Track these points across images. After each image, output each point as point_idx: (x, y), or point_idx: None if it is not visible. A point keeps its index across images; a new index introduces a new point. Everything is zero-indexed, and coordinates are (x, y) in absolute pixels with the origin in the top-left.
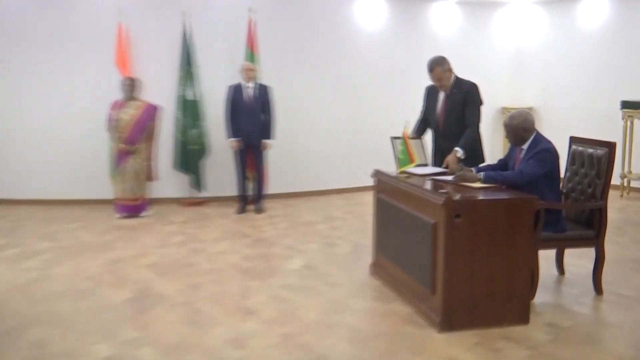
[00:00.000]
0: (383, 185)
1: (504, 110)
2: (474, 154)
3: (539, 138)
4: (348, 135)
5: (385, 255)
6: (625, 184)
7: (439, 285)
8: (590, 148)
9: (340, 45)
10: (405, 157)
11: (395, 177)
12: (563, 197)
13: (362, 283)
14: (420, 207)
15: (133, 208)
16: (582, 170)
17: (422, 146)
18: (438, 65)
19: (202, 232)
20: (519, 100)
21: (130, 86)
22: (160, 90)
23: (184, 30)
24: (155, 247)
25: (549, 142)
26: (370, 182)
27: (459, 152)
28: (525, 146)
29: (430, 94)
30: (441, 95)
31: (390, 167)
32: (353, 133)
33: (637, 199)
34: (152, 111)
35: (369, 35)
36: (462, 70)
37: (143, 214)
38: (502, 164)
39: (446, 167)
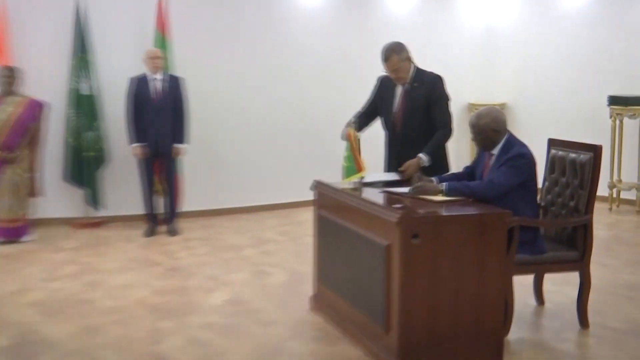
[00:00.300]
0: (325, 199)
1: (471, 107)
2: (437, 160)
3: (512, 141)
4: (283, 138)
5: (328, 285)
6: (615, 195)
7: (394, 321)
8: (573, 152)
9: (274, 28)
10: (351, 165)
11: (339, 190)
12: (541, 212)
13: (301, 321)
14: (370, 226)
15: (11, 231)
16: (563, 180)
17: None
18: (395, 53)
19: (101, 260)
20: (488, 95)
21: (9, 78)
22: (47, 83)
23: (76, 8)
24: (40, 280)
25: (523, 145)
26: (310, 196)
27: (423, 160)
28: (495, 151)
29: (384, 87)
30: (398, 90)
31: (338, 177)
32: (290, 136)
33: (628, 213)
34: (36, 109)
35: (310, 15)
36: (421, 60)
37: (24, 238)
38: (469, 173)
39: (403, 172)
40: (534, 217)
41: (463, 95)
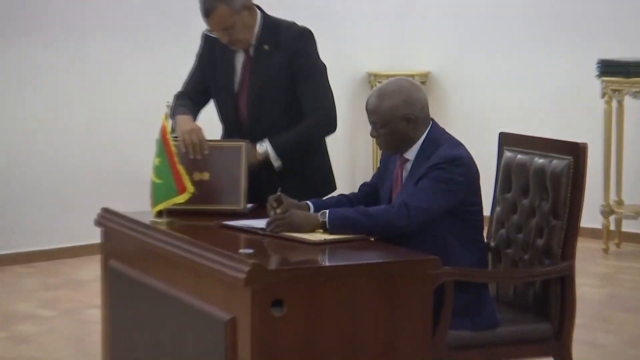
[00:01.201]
0: (121, 242)
1: (372, 80)
2: (310, 172)
3: (438, 137)
4: (52, 144)
5: None
6: (612, 227)
7: None
8: (541, 156)
9: None
10: (166, 180)
11: (145, 226)
12: (490, 257)
13: None
14: (201, 289)
15: None
16: (525, 202)
17: (241, 162)
18: (221, 2)
19: None
20: (400, 60)
21: None
22: None
23: None
24: None
25: (456, 144)
26: (96, 236)
27: (261, 150)
28: (411, 154)
29: (216, 53)
30: (239, 59)
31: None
32: (61, 141)
33: (635, 256)
34: None
35: None
36: (281, 9)
37: None
38: (369, 194)
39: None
40: (477, 266)
41: (357, 61)
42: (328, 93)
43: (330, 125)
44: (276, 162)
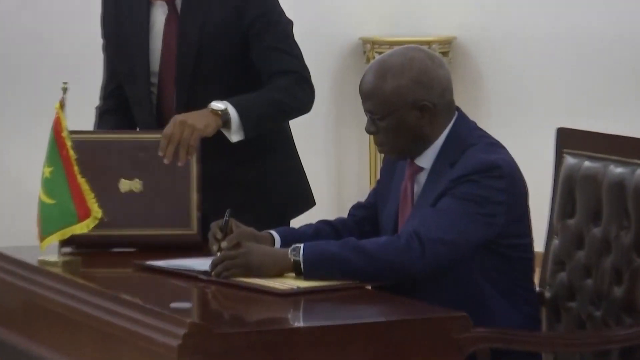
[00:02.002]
0: None
1: (367, 48)
2: (276, 182)
3: (467, 134)
4: None
5: None
6: None
7: None
8: (620, 163)
9: None
10: (61, 200)
11: (32, 267)
12: (544, 312)
13: None
14: (118, 356)
15: None
16: (597, 231)
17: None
18: None
19: None
20: (410, 21)
21: None
22: None
23: None
24: None
25: (494, 145)
26: None
27: (213, 105)
28: (426, 159)
29: (120, 11)
30: (157, 16)
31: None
32: None
33: None
34: None
35: None
36: None
37: None
38: (363, 219)
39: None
40: (525, 326)
41: (346, 22)
42: (299, 54)
43: (308, 93)
44: (236, 134)
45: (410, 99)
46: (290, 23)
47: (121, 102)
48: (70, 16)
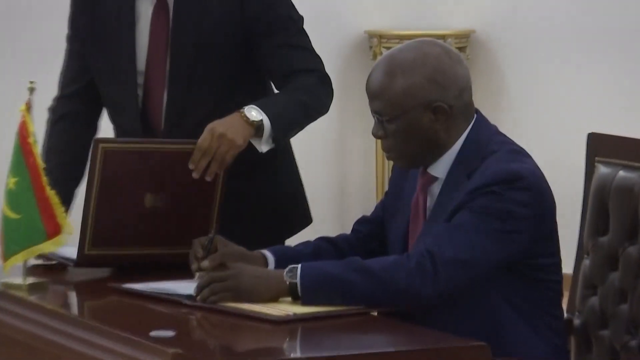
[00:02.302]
0: None
1: (374, 43)
2: (270, 195)
3: (487, 139)
4: None
5: None
6: None
7: None
8: None
9: None
10: (27, 215)
11: None
12: (572, 342)
13: None
14: None
15: None
16: (632, 250)
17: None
18: None
19: None
20: (422, 12)
21: None
22: None
23: None
24: None
25: (517, 152)
26: None
27: (248, 114)
28: (440, 168)
29: (96, 5)
30: (143, 10)
31: None
32: None
33: None
34: None
35: None
36: None
37: None
38: (368, 236)
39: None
40: (552, 356)
41: (350, 14)
42: (314, 51)
43: (330, 94)
44: (266, 144)
45: (423, 100)
46: (301, 19)
47: (89, 105)
48: (40, 6)
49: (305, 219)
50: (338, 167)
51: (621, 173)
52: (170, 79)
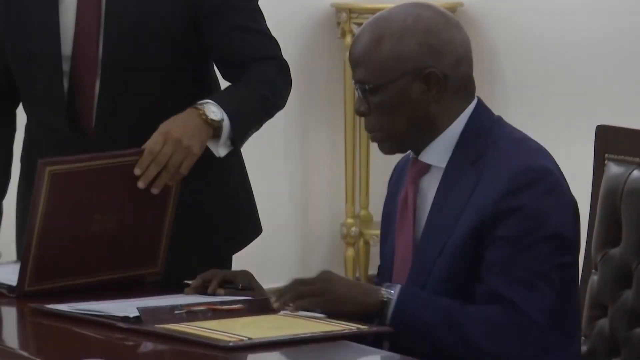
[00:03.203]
0: None
1: (342, 18)
2: (220, 203)
3: (490, 125)
4: None
5: None
6: None
7: None
8: None
9: None
10: None
11: None
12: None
13: None
14: None
15: None
16: None
17: None
18: None
19: None
20: None
21: None
22: None
23: None
24: None
25: (535, 150)
26: None
27: (208, 112)
28: (435, 153)
29: None
30: None
31: None
32: None
33: None
34: None
35: None
36: None
37: None
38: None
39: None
40: None
41: None
42: (271, 34)
43: (289, 85)
44: (224, 148)
45: (414, 66)
46: None
47: (3, 99)
48: None
49: (256, 230)
50: (302, 168)
51: (635, 173)
52: (103, 66)
